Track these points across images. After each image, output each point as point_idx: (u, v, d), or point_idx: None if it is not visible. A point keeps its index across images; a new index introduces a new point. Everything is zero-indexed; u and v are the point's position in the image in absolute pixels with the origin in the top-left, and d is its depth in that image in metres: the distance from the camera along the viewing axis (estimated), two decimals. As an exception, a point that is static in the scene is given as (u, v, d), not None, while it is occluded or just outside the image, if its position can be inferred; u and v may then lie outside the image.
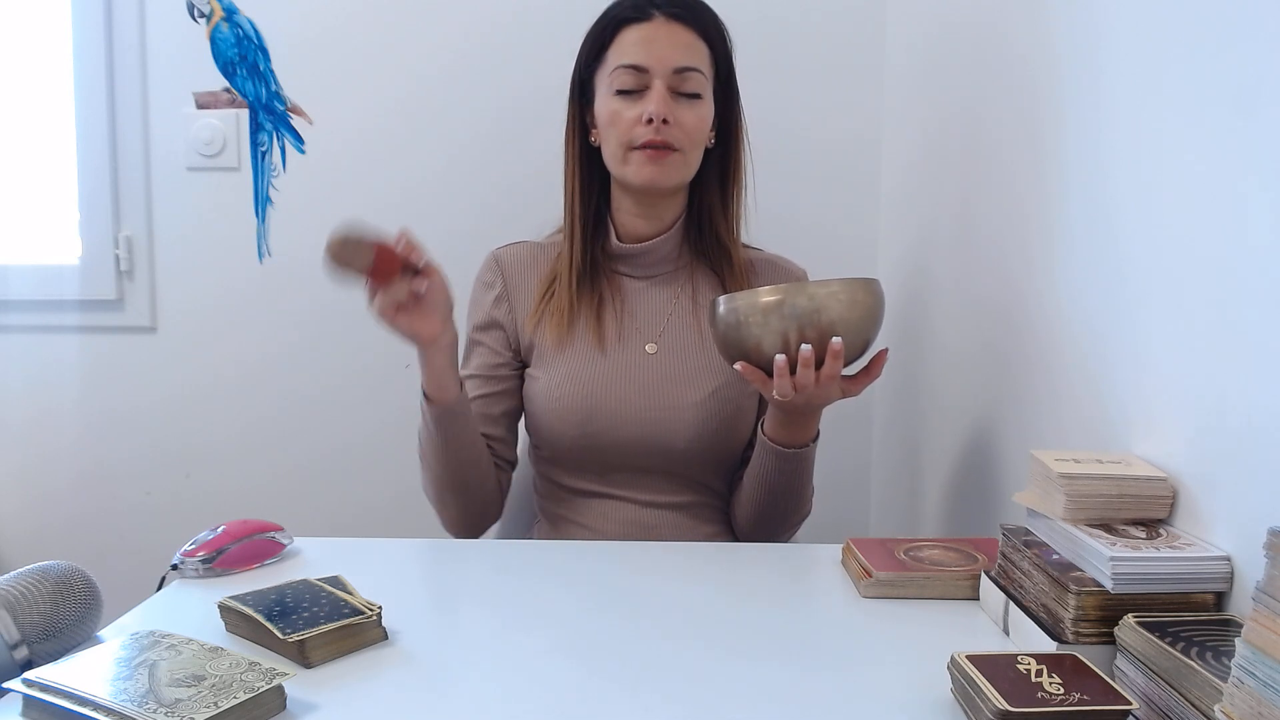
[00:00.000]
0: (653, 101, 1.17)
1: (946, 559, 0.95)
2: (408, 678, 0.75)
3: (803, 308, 1.01)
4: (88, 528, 1.88)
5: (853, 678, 0.76)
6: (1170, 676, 0.64)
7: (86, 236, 1.85)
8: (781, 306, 1.01)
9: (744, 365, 1.04)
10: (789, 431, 1.15)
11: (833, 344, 1.00)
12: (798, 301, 1.01)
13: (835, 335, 1.00)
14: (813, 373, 1.01)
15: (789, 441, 1.16)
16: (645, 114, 1.17)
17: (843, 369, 1.04)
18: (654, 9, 1.20)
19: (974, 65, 1.32)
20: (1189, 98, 0.80)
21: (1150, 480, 0.80)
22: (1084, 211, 0.98)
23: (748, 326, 1.03)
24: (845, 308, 1.02)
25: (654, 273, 1.29)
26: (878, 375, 1.09)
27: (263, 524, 1.02)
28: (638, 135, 1.18)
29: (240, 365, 1.86)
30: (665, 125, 1.17)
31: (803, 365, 1.01)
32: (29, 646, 0.74)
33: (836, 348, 1.00)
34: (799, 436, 1.16)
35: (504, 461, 1.29)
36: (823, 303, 1.01)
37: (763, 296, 1.02)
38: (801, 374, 1.01)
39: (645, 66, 1.18)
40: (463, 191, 1.81)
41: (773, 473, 1.18)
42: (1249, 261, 0.71)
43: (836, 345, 1.00)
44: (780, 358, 1.01)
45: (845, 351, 1.02)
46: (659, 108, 1.17)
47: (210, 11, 1.79)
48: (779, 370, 1.02)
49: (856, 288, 1.03)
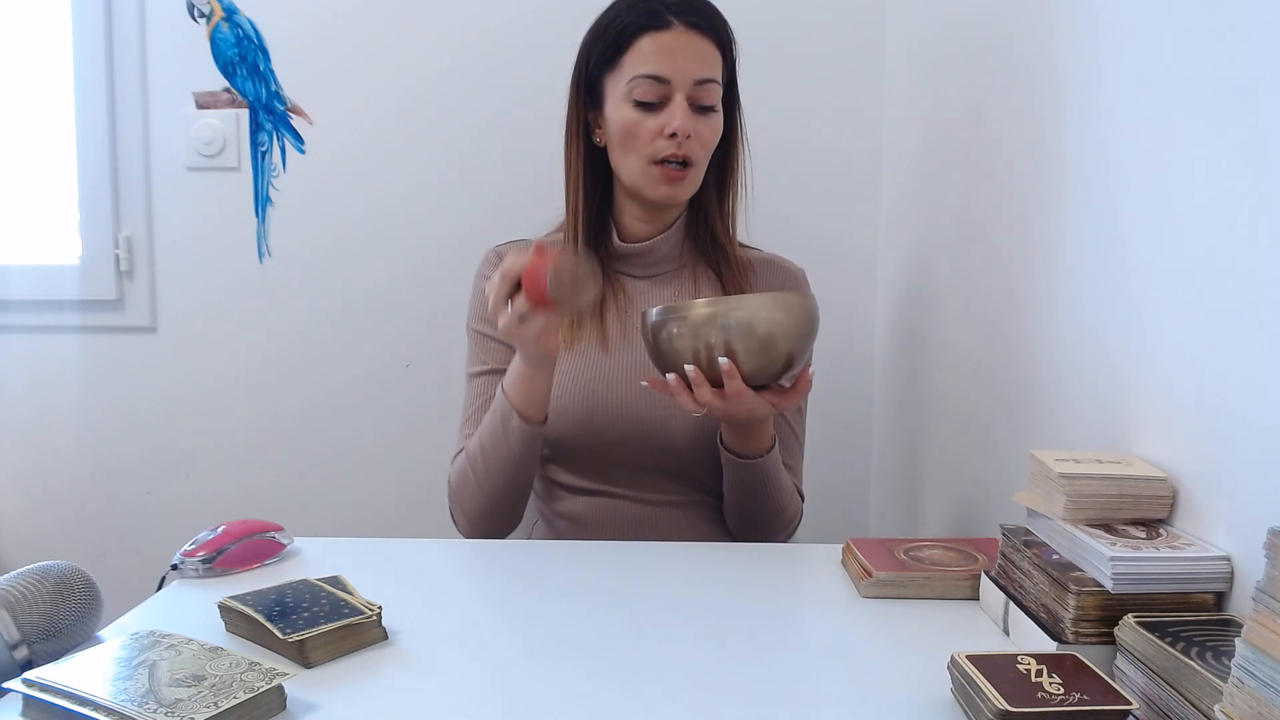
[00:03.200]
0: (677, 117, 1.16)
1: (946, 559, 0.95)
2: (408, 678, 0.75)
3: (709, 325, 1.01)
4: (88, 528, 1.88)
5: (853, 678, 0.76)
6: (1170, 676, 0.64)
7: (86, 236, 1.85)
8: (694, 323, 1.01)
9: (650, 379, 1.07)
10: (740, 440, 1.15)
11: (720, 363, 1.01)
12: (705, 317, 1.01)
13: (740, 352, 1.00)
14: (708, 391, 1.02)
15: (743, 451, 1.16)
16: (668, 129, 1.17)
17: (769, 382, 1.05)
18: (672, 16, 1.18)
19: (974, 67, 1.32)
20: (1189, 99, 0.80)
21: (1150, 480, 0.80)
22: (1084, 211, 0.98)
23: (673, 340, 1.03)
24: (747, 325, 1.01)
25: (655, 272, 1.29)
26: (803, 392, 1.08)
27: (263, 524, 1.02)
28: (659, 149, 1.18)
29: (240, 365, 1.86)
30: (687, 139, 1.17)
31: (695, 384, 1.02)
32: (29, 646, 0.74)
33: (725, 367, 1.00)
34: (751, 446, 1.15)
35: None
36: (728, 320, 1.01)
37: (681, 312, 1.02)
38: (697, 392, 1.02)
39: (667, 78, 1.17)
40: (463, 191, 1.81)
41: (736, 481, 1.18)
42: (1249, 262, 0.71)
43: (724, 365, 1.00)
44: (671, 376, 1.04)
45: (766, 366, 1.02)
46: (683, 123, 1.16)
47: (210, 11, 1.79)
48: (674, 388, 1.04)
49: (763, 304, 1.02)
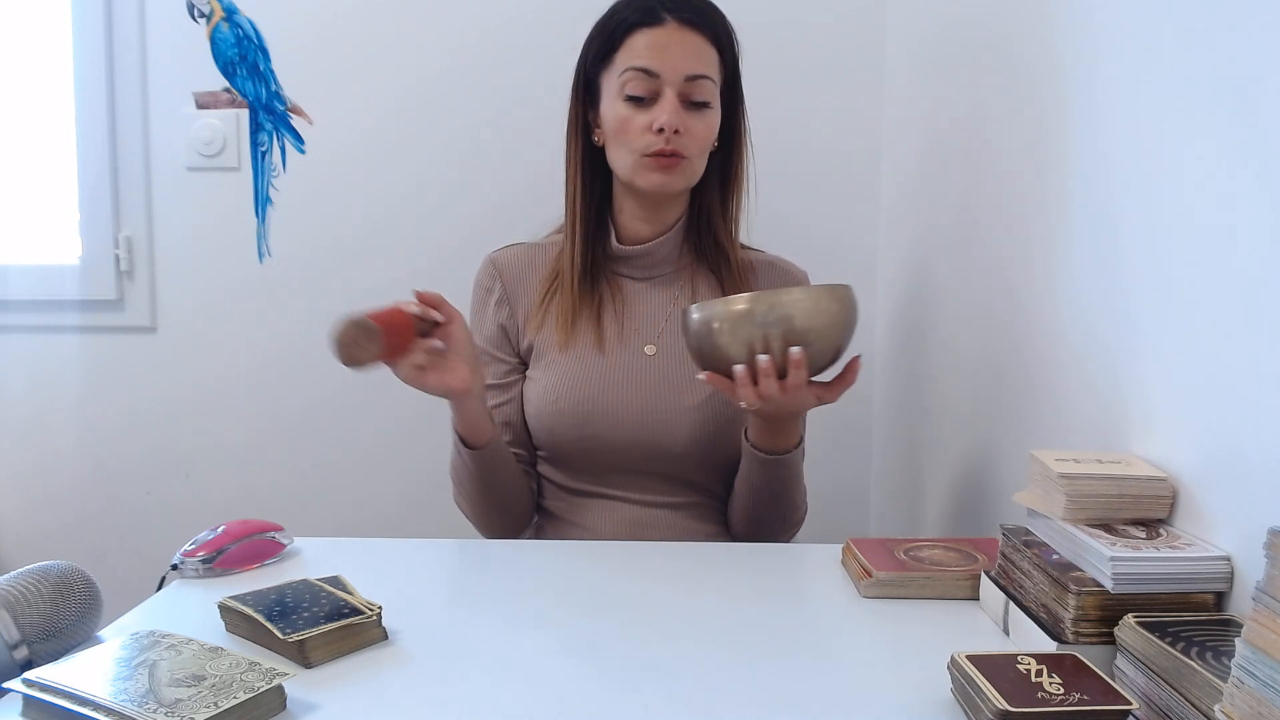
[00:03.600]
0: (664, 111, 1.16)
1: (946, 559, 0.95)
2: (408, 678, 0.75)
3: (766, 317, 1.00)
4: (88, 528, 1.88)
5: (853, 678, 0.76)
6: (1170, 676, 0.64)
7: (86, 236, 1.85)
8: (749, 316, 1.01)
9: (709, 375, 1.05)
10: (770, 438, 1.15)
11: (791, 354, 1.00)
12: (761, 310, 1.01)
13: (798, 344, 1.00)
14: (774, 382, 1.01)
15: (771, 448, 1.16)
16: (656, 123, 1.17)
17: (813, 376, 1.04)
18: (666, 13, 1.18)
19: (974, 68, 1.32)
20: (1189, 101, 0.80)
21: (1150, 480, 0.80)
22: (1084, 212, 0.98)
23: (718, 335, 1.02)
24: (808, 315, 1.01)
25: (654, 274, 1.29)
26: (852, 382, 1.08)
27: (263, 524, 1.02)
28: (649, 144, 1.18)
29: (240, 365, 1.86)
30: (676, 135, 1.17)
31: (763, 375, 1.00)
32: (29, 646, 0.74)
33: (796, 357, 1.00)
34: (780, 443, 1.15)
35: (531, 467, 1.29)
36: (787, 311, 1.00)
37: (731, 305, 1.02)
38: (764, 384, 1.01)
39: (657, 72, 1.17)
40: (463, 191, 1.81)
41: (759, 478, 1.18)
42: (1250, 262, 0.71)
43: (795, 355, 0.99)
44: (740, 368, 1.01)
45: (814, 359, 1.01)
46: (670, 118, 1.16)
47: (210, 11, 1.79)
48: (740, 380, 1.01)
49: (821, 295, 1.02)
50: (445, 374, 1.07)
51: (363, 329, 0.96)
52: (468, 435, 1.15)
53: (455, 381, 1.08)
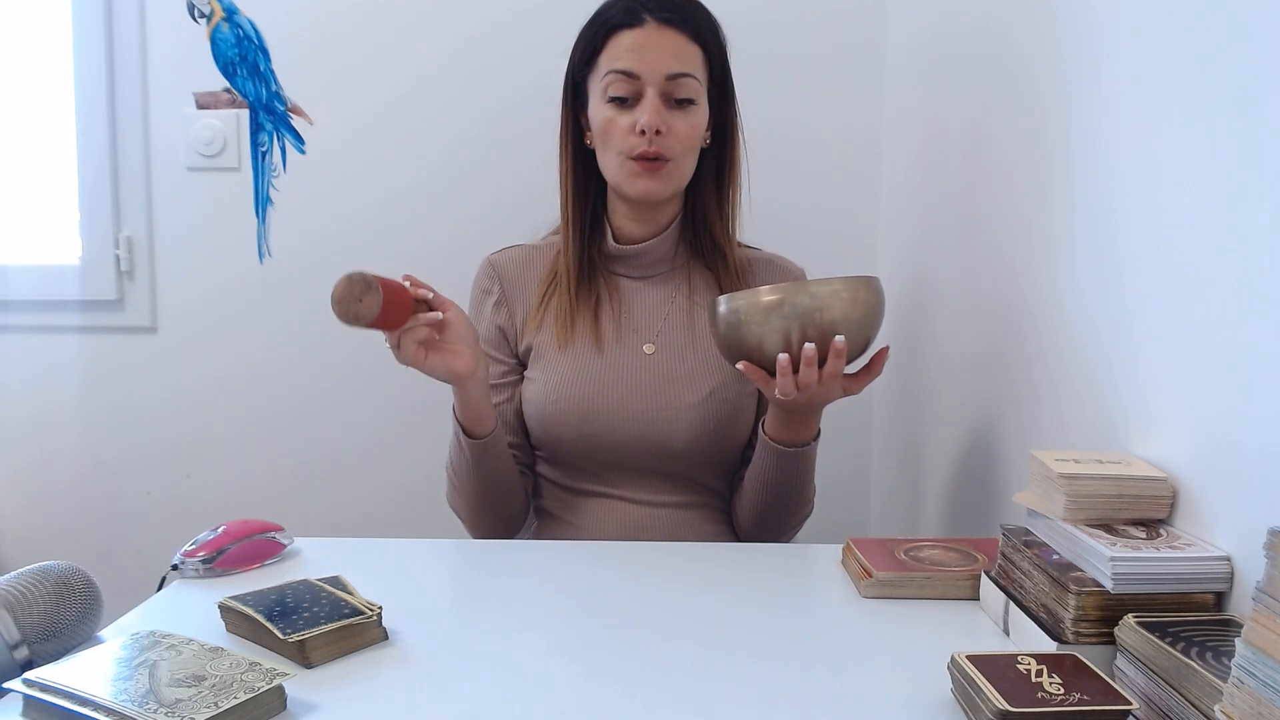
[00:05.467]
0: (645, 112, 1.16)
1: (946, 559, 0.95)
2: (408, 678, 0.75)
3: (805, 306, 1.01)
4: (88, 528, 1.88)
5: (853, 678, 0.76)
6: (1170, 676, 0.64)
7: (86, 236, 1.85)
8: (783, 305, 1.01)
9: (746, 365, 1.04)
10: (790, 430, 1.15)
11: (835, 342, 1.00)
12: (799, 300, 1.01)
13: (837, 333, 1.00)
14: (815, 371, 1.01)
15: (790, 440, 1.16)
16: (638, 125, 1.17)
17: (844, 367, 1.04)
18: (645, 13, 1.18)
19: (975, 65, 1.32)
20: (1191, 100, 0.80)
21: (1150, 480, 0.80)
22: (1085, 211, 0.98)
23: (749, 326, 1.02)
24: (847, 306, 1.01)
25: (650, 273, 1.29)
26: (879, 373, 1.09)
27: (263, 524, 1.02)
28: (632, 145, 1.18)
29: (240, 365, 1.86)
30: (658, 135, 1.17)
31: (805, 364, 1.01)
32: (29, 646, 0.74)
33: (839, 346, 1.00)
34: (800, 435, 1.16)
35: (528, 468, 1.29)
36: (825, 301, 1.01)
37: (764, 296, 1.02)
38: (804, 373, 1.01)
39: (637, 73, 1.17)
40: (463, 191, 1.81)
41: (774, 472, 1.18)
42: (1250, 262, 0.71)
43: (839, 344, 1.00)
44: (784, 357, 1.01)
45: (847, 349, 1.02)
46: (651, 119, 1.16)
47: (210, 11, 1.79)
48: (782, 369, 1.01)
49: (858, 286, 1.03)
50: (449, 356, 1.08)
51: (362, 281, 0.98)
52: (470, 424, 1.15)
53: (459, 364, 1.08)
